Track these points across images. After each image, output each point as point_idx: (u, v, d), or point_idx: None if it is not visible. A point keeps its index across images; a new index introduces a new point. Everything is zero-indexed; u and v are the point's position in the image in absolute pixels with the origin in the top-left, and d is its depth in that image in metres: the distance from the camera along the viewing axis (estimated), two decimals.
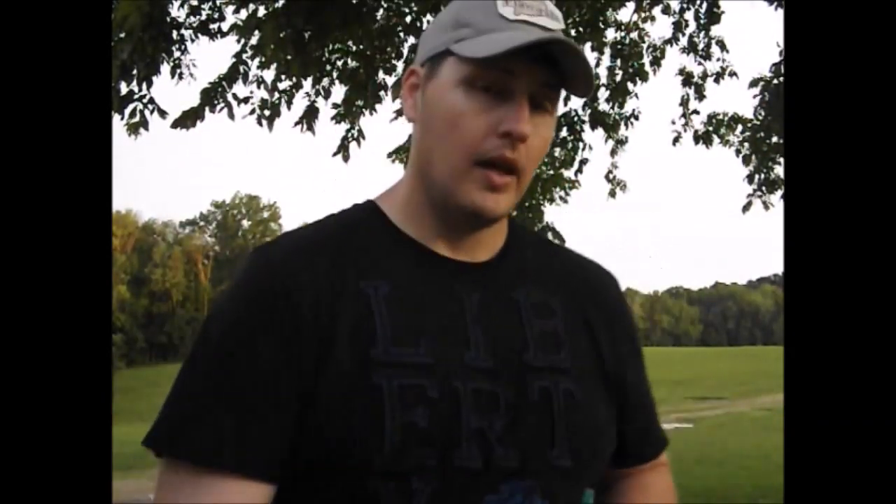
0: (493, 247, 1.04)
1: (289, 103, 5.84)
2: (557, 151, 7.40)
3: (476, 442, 0.91)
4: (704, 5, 7.15)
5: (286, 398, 0.89)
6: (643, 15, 7.39)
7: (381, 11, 5.87)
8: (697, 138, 7.87)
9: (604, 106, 7.42)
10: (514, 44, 0.91)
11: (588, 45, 7.00)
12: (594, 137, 7.99)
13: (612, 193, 8.10)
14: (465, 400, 0.92)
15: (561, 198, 7.51)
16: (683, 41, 7.42)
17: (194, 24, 5.29)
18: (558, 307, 1.04)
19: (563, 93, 1.01)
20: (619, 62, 7.36)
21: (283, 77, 5.67)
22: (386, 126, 6.54)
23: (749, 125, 7.79)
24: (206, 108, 5.26)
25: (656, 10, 7.37)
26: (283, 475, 0.90)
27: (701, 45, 7.38)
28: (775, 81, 7.06)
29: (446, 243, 1.01)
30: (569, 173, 7.54)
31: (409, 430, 0.88)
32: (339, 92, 6.13)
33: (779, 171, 7.77)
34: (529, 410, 0.95)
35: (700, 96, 7.67)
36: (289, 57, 5.32)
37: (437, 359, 0.93)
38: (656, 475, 1.13)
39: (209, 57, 5.66)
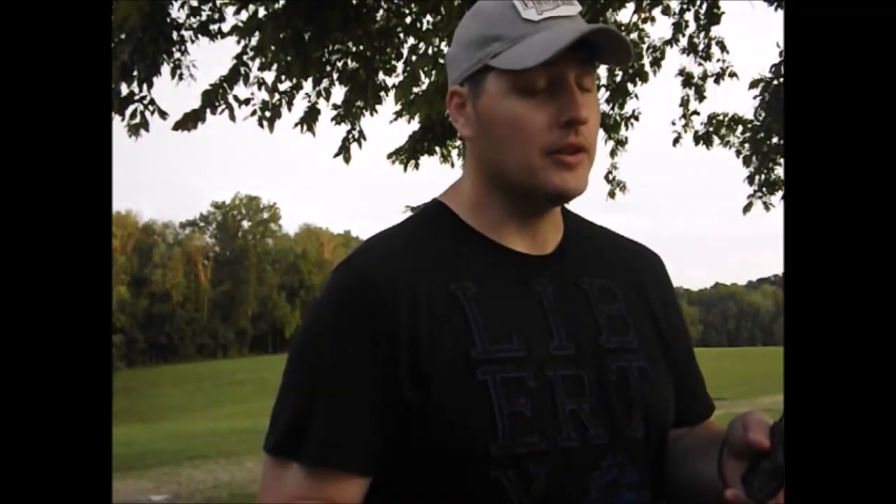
0: (555, 238, 1.11)
1: (289, 104, 5.84)
2: None
3: (572, 424, 0.99)
4: (704, 6, 7.14)
5: (384, 399, 0.97)
6: (643, 16, 7.37)
7: (380, 12, 5.86)
8: (698, 139, 7.86)
9: (604, 107, 7.41)
10: (554, 50, 0.96)
11: None
12: None
13: (612, 194, 8.08)
14: (558, 386, 1.00)
15: None
16: (683, 42, 7.41)
17: (194, 25, 5.28)
18: (619, 290, 1.11)
19: None
20: None
21: (283, 78, 5.66)
22: (386, 127, 6.54)
23: (749, 126, 7.78)
24: (207, 110, 5.25)
25: (656, 11, 7.35)
26: (404, 465, 0.98)
27: (701, 46, 7.37)
28: (775, 82, 7.05)
29: (517, 238, 1.07)
30: None
31: (516, 419, 0.96)
32: (339, 93, 6.13)
33: (779, 171, 7.76)
34: (610, 389, 1.03)
35: (700, 97, 7.66)
36: (289, 58, 5.32)
37: (529, 351, 1.00)
38: (707, 423, 1.20)
39: (209, 58, 5.66)
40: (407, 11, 5.91)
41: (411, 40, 6.00)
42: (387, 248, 1.05)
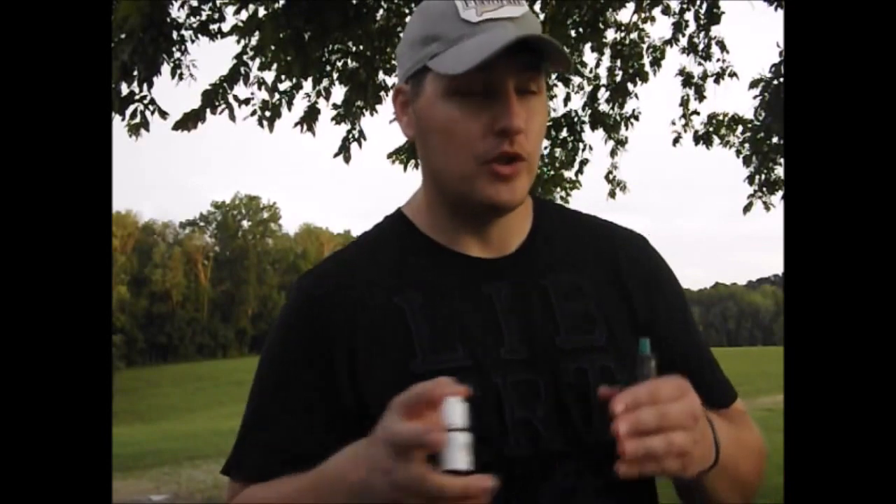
0: (520, 234, 1.06)
1: (289, 104, 5.84)
2: (558, 152, 7.40)
3: (522, 431, 0.95)
4: (704, 6, 7.14)
5: (326, 419, 0.98)
6: (643, 15, 7.38)
7: (381, 12, 5.87)
8: (697, 139, 7.87)
9: (604, 106, 7.42)
10: (485, 55, 0.91)
11: (588, 46, 7.01)
12: (594, 138, 7.99)
13: (612, 194, 8.09)
14: (506, 393, 0.96)
15: (562, 198, 7.52)
16: (683, 41, 7.41)
17: (194, 25, 5.28)
18: (589, 286, 1.05)
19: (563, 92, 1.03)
20: (619, 62, 7.36)
21: (283, 78, 5.66)
22: (386, 126, 6.53)
23: (749, 126, 7.78)
24: (207, 110, 5.25)
25: (656, 11, 7.36)
26: None
27: (701, 46, 7.37)
28: (775, 82, 7.05)
29: (474, 241, 1.04)
30: (569, 174, 7.55)
31: None
32: (339, 93, 6.13)
33: (779, 171, 7.76)
34: (567, 393, 0.98)
35: (700, 97, 7.66)
36: (289, 58, 5.31)
37: (476, 359, 0.97)
38: (731, 413, 1.12)
39: (209, 58, 5.66)
40: (407, 11, 5.91)
41: None
42: (332, 267, 1.06)
